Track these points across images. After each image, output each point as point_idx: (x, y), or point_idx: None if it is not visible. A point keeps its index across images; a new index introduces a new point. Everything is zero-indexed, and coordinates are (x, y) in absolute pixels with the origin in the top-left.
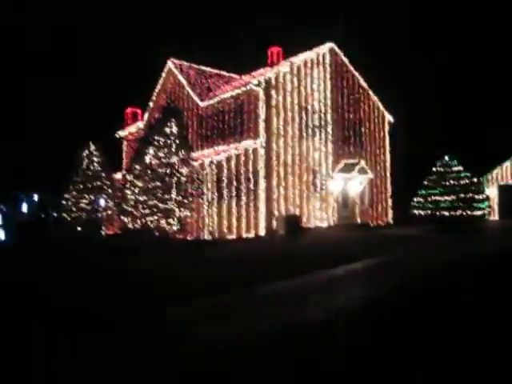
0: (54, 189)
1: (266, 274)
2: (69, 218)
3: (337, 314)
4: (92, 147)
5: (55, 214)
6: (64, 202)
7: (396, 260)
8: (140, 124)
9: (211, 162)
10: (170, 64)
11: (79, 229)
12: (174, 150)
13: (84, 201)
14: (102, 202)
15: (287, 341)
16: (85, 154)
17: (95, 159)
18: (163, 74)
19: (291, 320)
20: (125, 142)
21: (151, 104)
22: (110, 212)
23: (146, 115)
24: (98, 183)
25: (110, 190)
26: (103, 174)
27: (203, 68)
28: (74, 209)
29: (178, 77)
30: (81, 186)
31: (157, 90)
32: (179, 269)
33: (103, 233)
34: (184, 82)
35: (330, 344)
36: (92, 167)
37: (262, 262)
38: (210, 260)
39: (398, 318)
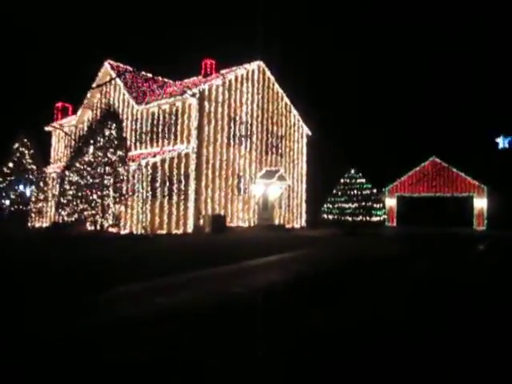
0: None
1: (196, 262)
2: None
3: (251, 289)
4: (24, 140)
5: None
6: None
7: (302, 255)
8: (71, 119)
9: (147, 163)
10: (107, 65)
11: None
12: (112, 150)
13: (14, 193)
14: (28, 193)
15: (218, 303)
16: (16, 146)
17: (26, 152)
18: (99, 74)
19: (220, 292)
20: (53, 136)
21: (85, 101)
22: (40, 205)
23: (79, 112)
24: (30, 176)
25: (41, 183)
26: (34, 167)
27: (138, 71)
28: (3, 201)
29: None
30: (10, 178)
31: (92, 87)
32: (122, 256)
33: (31, 225)
34: (121, 84)
35: (244, 304)
36: (24, 160)
37: (192, 254)
38: (147, 251)
39: (295, 290)
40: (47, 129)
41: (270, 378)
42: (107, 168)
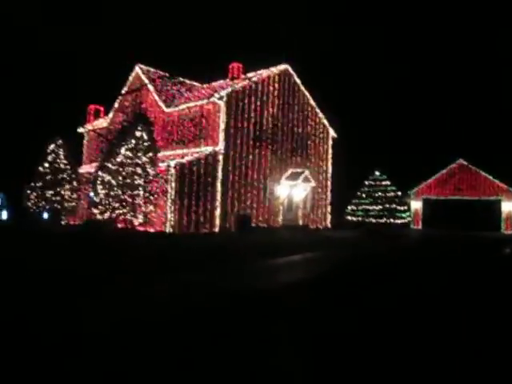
0: (19, 185)
1: (229, 260)
2: (34, 208)
3: (280, 283)
4: (59, 141)
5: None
6: (29, 193)
7: (326, 254)
8: (103, 121)
9: (176, 165)
10: (137, 69)
11: (45, 217)
12: (143, 151)
13: (50, 192)
14: (62, 192)
15: (259, 294)
16: (51, 148)
17: (61, 153)
18: (130, 78)
19: (258, 284)
20: (86, 138)
21: (116, 104)
22: (73, 203)
23: (111, 114)
24: (64, 176)
25: (74, 183)
26: (68, 167)
27: (167, 74)
28: (40, 199)
29: (145, 82)
30: (47, 178)
31: (123, 92)
32: (164, 251)
33: (65, 223)
34: (151, 87)
35: (277, 296)
36: (58, 160)
37: (223, 252)
38: (182, 248)
39: (320, 285)
40: (80, 130)
41: None
42: (138, 169)
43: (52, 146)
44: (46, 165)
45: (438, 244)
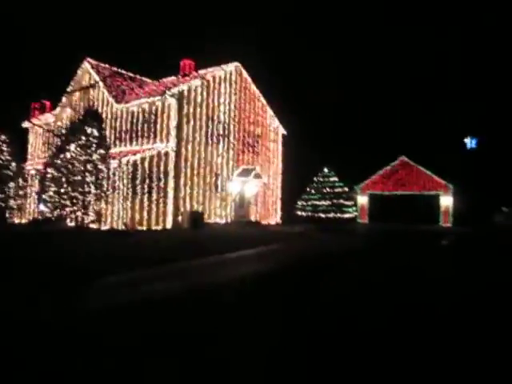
0: None
1: (179, 255)
2: None
3: (234, 278)
4: (2, 137)
5: None
6: None
7: (277, 248)
8: (49, 116)
9: (127, 162)
10: (86, 64)
11: None
12: (93, 148)
13: None
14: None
15: (204, 289)
16: None
17: (4, 149)
18: (79, 72)
19: (206, 280)
20: (30, 133)
21: (64, 99)
22: (19, 201)
23: (58, 109)
24: (9, 173)
25: (20, 180)
26: (13, 164)
27: (117, 70)
28: None
29: (94, 77)
30: None
31: (70, 87)
32: (114, 250)
33: (10, 221)
34: (101, 83)
35: (224, 291)
36: (2, 157)
37: (174, 248)
38: (133, 245)
39: (272, 277)
40: (24, 125)
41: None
42: (88, 165)
43: None
44: None
45: (379, 236)
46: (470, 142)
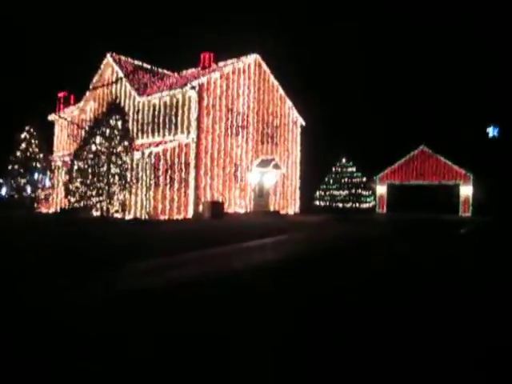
0: None
1: (203, 243)
2: (7, 197)
3: (252, 266)
4: (31, 129)
5: None
6: (2, 182)
7: (296, 237)
8: (74, 109)
9: (150, 153)
10: (109, 57)
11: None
12: (118, 140)
13: (23, 180)
14: (47, 182)
15: (239, 273)
16: (23, 137)
17: (33, 141)
18: (102, 66)
19: (234, 265)
20: (56, 125)
21: (88, 93)
22: (47, 191)
23: (82, 102)
24: (37, 164)
25: (47, 171)
26: (41, 156)
27: (139, 63)
28: (15, 187)
29: (117, 71)
30: (18, 167)
31: (94, 80)
32: (142, 238)
33: (38, 211)
34: (123, 76)
35: (242, 278)
36: (30, 149)
37: (196, 237)
38: (157, 234)
39: (289, 265)
40: (50, 118)
41: None
42: (113, 157)
43: (23, 135)
44: (18, 153)
45: (400, 225)
46: (492, 131)
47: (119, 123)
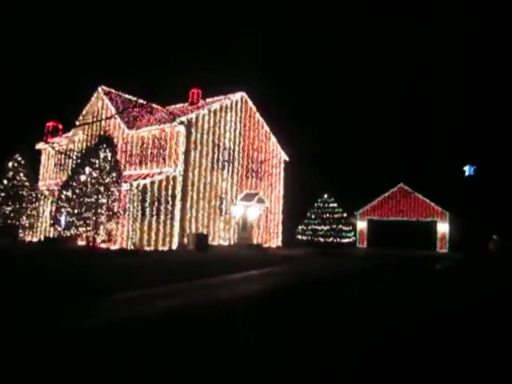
0: None
1: (188, 275)
2: None
3: (237, 297)
4: (19, 158)
5: None
6: None
7: (278, 270)
8: (62, 139)
9: (138, 185)
10: (100, 91)
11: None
12: (107, 171)
13: (8, 208)
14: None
15: (213, 305)
16: (10, 165)
17: (21, 169)
18: (92, 98)
19: (212, 297)
20: (43, 154)
21: (77, 123)
22: (32, 220)
23: (71, 132)
24: (23, 193)
25: (33, 199)
26: (28, 184)
27: (128, 97)
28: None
29: (106, 103)
30: (5, 195)
31: (84, 112)
32: (126, 270)
33: (21, 239)
34: (113, 109)
35: (229, 307)
36: (18, 177)
37: (182, 268)
38: (143, 265)
39: (271, 296)
40: (38, 147)
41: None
42: (101, 188)
43: (11, 163)
44: (5, 181)
45: (376, 260)
46: (468, 170)
47: (109, 155)
